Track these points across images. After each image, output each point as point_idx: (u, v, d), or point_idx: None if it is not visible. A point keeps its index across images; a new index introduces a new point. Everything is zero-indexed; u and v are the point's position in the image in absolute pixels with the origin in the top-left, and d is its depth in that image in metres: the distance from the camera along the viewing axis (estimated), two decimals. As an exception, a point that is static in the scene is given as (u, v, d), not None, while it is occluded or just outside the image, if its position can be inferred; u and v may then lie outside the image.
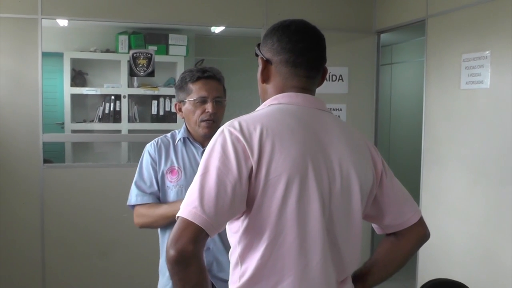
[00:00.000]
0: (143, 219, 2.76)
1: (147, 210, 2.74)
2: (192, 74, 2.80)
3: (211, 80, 2.79)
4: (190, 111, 2.78)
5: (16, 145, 4.97)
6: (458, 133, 4.50)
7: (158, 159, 2.80)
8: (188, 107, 2.79)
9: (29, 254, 5.08)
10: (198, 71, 2.81)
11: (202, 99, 2.75)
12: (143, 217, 2.75)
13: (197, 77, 2.78)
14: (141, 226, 2.79)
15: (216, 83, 2.81)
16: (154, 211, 2.71)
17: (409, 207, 1.95)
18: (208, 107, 2.74)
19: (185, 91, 2.80)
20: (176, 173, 2.77)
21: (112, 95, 6.50)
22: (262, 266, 1.68)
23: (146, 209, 2.74)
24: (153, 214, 2.71)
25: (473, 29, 4.33)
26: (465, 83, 4.38)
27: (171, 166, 2.79)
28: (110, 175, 5.27)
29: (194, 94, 2.76)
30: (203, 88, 2.76)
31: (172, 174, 2.77)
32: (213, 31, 6.25)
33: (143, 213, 2.75)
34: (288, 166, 1.66)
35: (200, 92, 2.75)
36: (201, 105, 2.75)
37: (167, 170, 2.78)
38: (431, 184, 4.89)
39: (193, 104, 2.76)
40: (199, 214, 1.58)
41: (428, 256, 4.83)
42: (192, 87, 2.77)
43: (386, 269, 2.00)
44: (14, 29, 4.92)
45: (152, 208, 2.73)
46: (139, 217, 2.78)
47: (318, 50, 1.88)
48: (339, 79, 5.78)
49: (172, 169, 2.78)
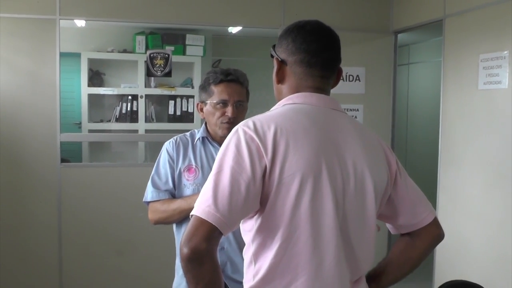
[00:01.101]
0: (157, 214, 2.74)
1: (161, 205, 2.73)
2: (215, 76, 2.78)
3: (233, 83, 2.77)
4: (210, 113, 2.78)
5: (34, 145, 5.01)
6: (476, 134, 4.47)
7: (176, 157, 2.80)
8: (209, 109, 2.79)
9: (46, 252, 5.12)
10: (222, 73, 2.79)
11: (222, 102, 2.74)
12: (158, 212, 2.74)
13: (220, 79, 2.76)
14: (156, 222, 2.77)
15: (239, 86, 2.79)
16: (168, 206, 2.71)
17: (424, 207, 1.94)
18: (228, 111, 2.73)
19: (207, 92, 2.79)
20: (193, 172, 2.77)
21: (129, 95, 6.52)
22: (276, 265, 1.69)
23: (161, 204, 2.74)
24: (168, 209, 2.70)
25: (491, 29, 4.30)
26: (483, 84, 4.35)
27: (188, 165, 2.79)
28: (127, 175, 5.30)
29: (216, 97, 2.75)
30: (224, 91, 2.74)
31: (189, 172, 2.77)
32: (230, 31, 6.27)
33: (157, 208, 2.75)
34: (302, 165, 1.66)
35: (222, 95, 2.74)
36: (222, 108, 2.74)
37: (184, 168, 2.78)
38: (448, 185, 4.86)
39: (214, 106, 2.76)
40: (213, 213, 1.58)
41: (445, 258, 4.80)
42: (214, 89, 2.76)
43: (401, 270, 2.00)
44: (33, 29, 4.97)
45: (167, 203, 2.73)
46: (153, 213, 2.77)
47: (333, 50, 1.87)
48: (356, 79, 5.77)
49: (190, 167, 2.78)
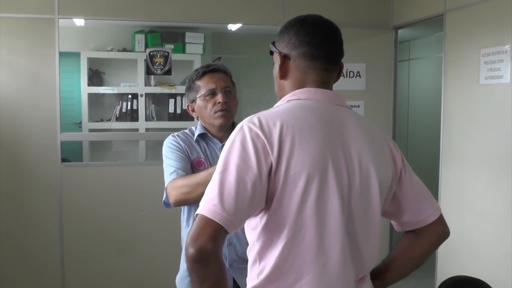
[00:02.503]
0: (177, 190, 2.57)
1: (183, 180, 2.58)
2: (197, 72, 2.84)
3: (216, 72, 2.82)
4: (202, 107, 2.80)
5: (34, 144, 5.00)
6: (477, 129, 4.46)
7: (183, 149, 2.77)
8: (200, 104, 2.81)
9: (48, 252, 5.10)
10: (202, 67, 2.85)
11: (211, 91, 2.77)
12: (177, 188, 2.58)
13: (202, 72, 2.81)
14: (176, 200, 2.60)
15: (223, 74, 2.83)
16: (190, 179, 2.56)
17: (429, 204, 1.93)
18: (219, 97, 2.75)
19: (194, 90, 2.83)
20: (202, 164, 2.77)
21: (129, 94, 6.51)
22: (281, 263, 1.68)
23: (181, 179, 2.59)
24: (189, 182, 2.55)
25: (492, 23, 4.29)
26: (484, 78, 4.33)
27: (197, 157, 2.78)
28: (128, 174, 5.29)
29: (203, 89, 2.78)
30: (210, 81, 2.79)
31: (198, 165, 2.76)
32: (230, 29, 6.24)
33: (178, 184, 2.59)
34: (308, 163, 1.65)
35: (208, 85, 2.78)
36: (212, 97, 2.77)
37: (193, 161, 2.77)
38: (450, 181, 4.85)
39: (204, 99, 2.78)
40: (219, 212, 1.57)
41: (447, 254, 4.79)
42: (200, 83, 2.80)
43: (405, 267, 1.99)
44: (31, 29, 4.95)
45: (187, 177, 2.59)
46: (173, 190, 2.60)
47: (336, 42, 1.87)
48: (357, 76, 5.75)
49: (199, 160, 2.78)
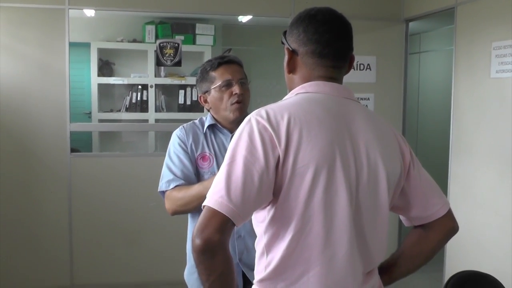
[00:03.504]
0: (175, 202, 2.60)
1: (178, 192, 2.60)
2: (211, 62, 2.79)
3: (232, 64, 2.78)
4: (217, 99, 2.75)
5: (43, 135, 5.03)
6: (488, 123, 4.44)
7: (189, 144, 2.75)
8: (214, 95, 2.75)
9: (57, 242, 5.14)
10: (216, 58, 2.80)
11: (227, 82, 2.72)
12: (175, 200, 2.60)
13: (217, 63, 2.76)
14: (174, 211, 2.63)
15: (237, 66, 2.80)
16: (186, 192, 2.56)
17: (438, 199, 1.91)
18: (235, 89, 2.70)
19: (208, 81, 2.77)
20: (207, 159, 2.74)
21: (139, 85, 6.53)
22: (288, 256, 1.67)
23: (177, 191, 2.61)
24: (185, 195, 2.56)
25: (503, 16, 4.26)
26: (495, 72, 4.31)
27: (202, 152, 2.75)
28: (137, 165, 5.30)
29: (218, 80, 2.73)
30: (226, 72, 2.74)
31: (203, 160, 2.74)
32: (240, 20, 6.24)
33: (174, 196, 2.61)
34: (315, 156, 1.64)
35: (224, 76, 2.73)
36: (227, 89, 2.72)
37: (198, 156, 2.74)
38: (459, 175, 4.83)
39: (219, 90, 2.73)
40: (226, 204, 1.56)
41: (456, 248, 4.78)
42: (215, 74, 2.75)
43: (413, 262, 1.98)
44: (42, 19, 4.97)
45: (184, 189, 2.59)
46: (170, 202, 2.63)
47: (345, 39, 1.84)
48: (367, 68, 5.74)
49: (204, 155, 2.75)
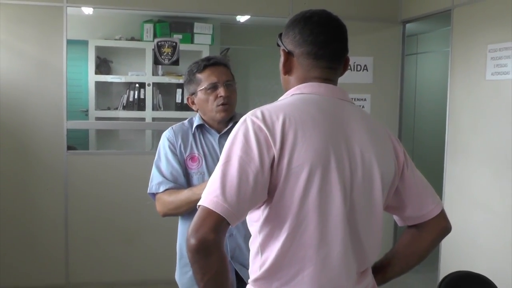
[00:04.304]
0: (166, 206, 2.68)
1: (168, 196, 2.67)
2: (198, 64, 2.82)
3: (218, 66, 2.81)
4: (203, 100, 2.78)
5: (40, 132, 5.03)
6: (483, 125, 4.46)
7: (178, 145, 2.78)
8: (200, 97, 2.79)
9: (53, 240, 5.14)
10: (203, 60, 2.83)
11: (213, 85, 2.75)
12: (166, 204, 2.68)
13: (203, 65, 2.79)
14: (165, 214, 2.71)
15: (223, 68, 2.82)
16: (176, 197, 2.63)
17: (431, 199, 1.93)
18: (220, 91, 2.74)
19: (195, 82, 2.81)
20: (196, 160, 2.76)
21: (137, 83, 6.53)
22: (283, 255, 1.68)
23: (168, 195, 2.67)
24: (175, 200, 2.63)
25: (499, 19, 4.28)
26: (491, 74, 4.33)
27: (191, 153, 2.77)
28: (134, 163, 5.31)
29: (204, 82, 2.76)
30: (211, 74, 2.77)
31: (192, 161, 2.76)
32: (238, 20, 6.25)
33: (165, 200, 2.68)
34: (310, 156, 1.65)
35: (210, 79, 2.76)
36: (213, 91, 2.75)
37: (187, 157, 2.76)
38: (455, 176, 4.85)
39: (205, 92, 2.76)
40: (221, 203, 1.57)
41: (451, 248, 4.80)
42: (201, 76, 2.78)
43: (407, 261, 2.00)
44: (40, 16, 4.97)
45: (174, 194, 2.66)
46: (161, 205, 2.71)
47: (340, 41, 1.86)
48: (364, 69, 5.76)
49: (193, 155, 2.77)
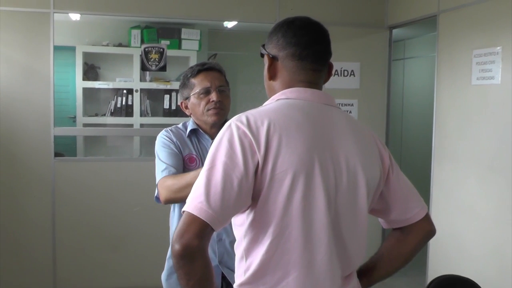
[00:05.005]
0: (169, 188, 2.58)
1: (173, 179, 2.59)
2: (192, 69, 2.85)
3: (211, 71, 2.83)
4: (195, 105, 2.81)
5: (27, 139, 5.00)
6: (469, 129, 4.49)
7: (175, 143, 2.77)
8: (193, 101, 2.81)
9: (40, 247, 5.11)
10: (197, 65, 2.86)
11: (205, 89, 2.78)
12: (170, 186, 2.58)
13: (197, 70, 2.82)
14: (166, 199, 2.60)
15: (217, 73, 2.85)
16: (180, 179, 2.55)
17: (416, 202, 1.94)
18: (213, 96, 2.76)
19: (188, 87, 2.83)
20: (194, 160, 2.78)
21: (124, 89, 6.50)
22: (267, 261, 1.69)
23: (172, 178, 2.60)
24: (180, 182, 2.54)
25: (484, 24, 4.31)
26: (476, 79, 4.36)
27: (189, 153, 2.79)
28: (122, 169, 5.30)
29: (197, 87, 2.79)
30: (204, 79, 2.79)
31: (190, 162, 2.77)
32: (226, 25, 6.26)
33: (168, 183, 2.59)
34: (294, 162, 1.66)
35: (203, 83, 2.79)
36: (206, 96, 2.78)
37: (185, 157, 2.77)
38: (441, 180, 4.88)
39: (198, 96, 2.79)
40: (205, 209, 1.58)
41: (438, 252, 4.82)
42: (194, 81, 2.81)
43: (392, 265, 2.00)
44: (27, 23, 4.95)
45: (178, 176, 2.59)
46: (164, 189, 2.60)
47: (323, 43, 1.88)
48: (351, 74, 5.77)
49: (191, 156, 2.78)
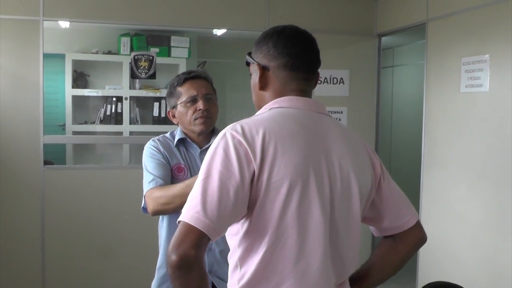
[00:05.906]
0: (157, 201, 2.55)
1: (160, 191, 2.56)
2: (178, 78, 2.84)
3: (198, 79, 2.82)
4: (183, 114, 2.80)
5: (16, 147, 4.97)
6: (458, 136, 4.51)
7: (163, 153, 2.76)
8: (180, 110, 2.80)
9: (30, 256, 5.07)
10: (183, 74, 2.85)
11: (192, 98, 2.77)
12: (157, 198, 2.55)
13: (183, 79, 2.81)
14: (154, 211, 2.58)
15: (204, 81, 2.84)
16: (168, 191, 2.53)
17: (407, 210, 1.96)
18: (199, 105, 2.75)
19: (175, 96, 2.82)
20: (182, 170, 2.76)
21: (114, 97, 6.50)
22: (262, 269, 1.69)
23: (159, 190, 2.58)
24: (167, 194, 2.52)
25: (472, 32, 4.34)
26: (465, 87, 4.39)
27: (177, 163, 2.77)
28: (111, 177, 5.27)
29: (184, 96, 2.78)
30: (191, 87, 2.79)
31: (178, 171, 2.76)
32: (215, 33, 6.27)
33: (156, 195, 2.57)
34: (290, 171, 1.66)
35: (189, 92, 2.78)
36: (192, 104, 2.77)
37: (173, 167, 2.76)
38: (431, 187, 4.89)
39: (184, 105, 2.78)
40: (202, 219, 1.57)
41: (428, 259, 4.83)
42: (181, 89, 2.80)
43: (383, 272, 2.01)
44: (16, 30, 4.93)
45: (165, 188, 2.57)
46: (151, 201, 2.59)
47: (313, 52, 1.90)
48: (340, 82, 5.78)
49: (179, 165, 2.77)
